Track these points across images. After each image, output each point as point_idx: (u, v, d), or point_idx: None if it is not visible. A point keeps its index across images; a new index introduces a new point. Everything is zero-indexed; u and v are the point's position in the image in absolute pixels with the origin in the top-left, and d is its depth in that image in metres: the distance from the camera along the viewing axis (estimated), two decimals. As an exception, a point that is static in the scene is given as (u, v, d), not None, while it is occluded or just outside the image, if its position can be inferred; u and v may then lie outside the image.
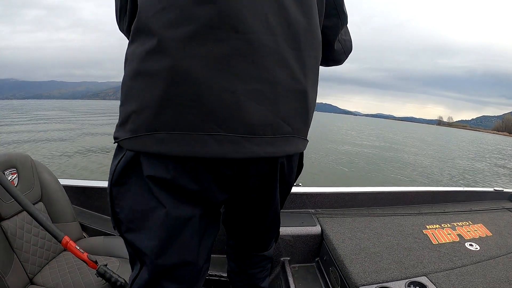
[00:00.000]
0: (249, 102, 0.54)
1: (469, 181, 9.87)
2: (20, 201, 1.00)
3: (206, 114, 0.52)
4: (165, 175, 0.57)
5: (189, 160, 0.56)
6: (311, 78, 0.66)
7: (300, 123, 0.65)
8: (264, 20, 0.55)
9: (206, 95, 0.52)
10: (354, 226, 1.50)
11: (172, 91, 0.52)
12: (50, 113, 30.87)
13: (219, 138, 0.54)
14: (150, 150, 0.55)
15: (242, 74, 0.54)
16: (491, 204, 1.92)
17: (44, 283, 1.09)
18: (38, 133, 14.35)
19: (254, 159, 0.59)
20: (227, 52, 0.52)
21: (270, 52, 0.56)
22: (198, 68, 0.52)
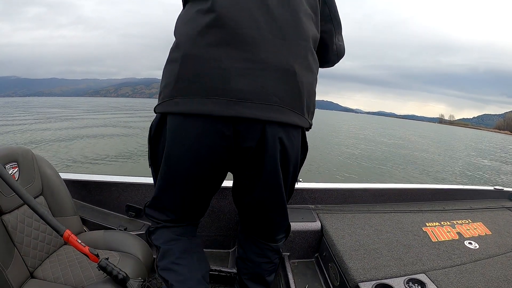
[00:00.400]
0: (237, 76, 0.72)
1: (470, 179, 9.87)
2: (21, 195, 1.00)
3: (207, 84, 0.73)
4: None
5: (196, 117, 0.75)
6: (302, 63, 0.80)
7: (291, 98, 0.78)
8: (253, 20, 0.74)
9: (205, 72, 0.73)
10: (353, 222, 1.50)
11: (184, 70, 0.75)
12: (52, 110, 30.86)
13: (215, 101, 0.72)
14: (169, 110, 0.78)
15: (234, 57, 0.73)
16: (491, 202, 1.92)
17: (45, 276, 1.09)
18: (39, 129, 14.36)
19: (245, 120, 0.74)
20: (221, 42, 0.73)
21: (258, 41, 0.74)
22: (200, 54, 0.74)
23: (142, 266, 1.21)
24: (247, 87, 0.73)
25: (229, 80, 0.72)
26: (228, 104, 0.72)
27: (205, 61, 0.73)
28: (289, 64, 0.77)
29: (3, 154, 1.11)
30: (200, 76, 0.73)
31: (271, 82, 0.75)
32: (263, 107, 0.74)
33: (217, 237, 1.63)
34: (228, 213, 1.60)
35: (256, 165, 0.83)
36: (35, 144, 9.97)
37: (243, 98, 0.72)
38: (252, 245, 1.09)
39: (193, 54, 0.75)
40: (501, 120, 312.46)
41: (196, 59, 0.74)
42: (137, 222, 1.60)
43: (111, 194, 1.60)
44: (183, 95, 0.75)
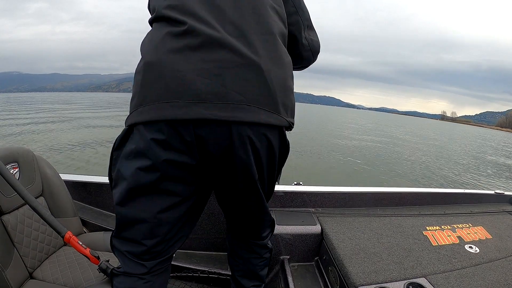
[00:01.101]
0: (195, 77, 0.68)
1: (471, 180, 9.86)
2: (23, 196, 1.00)
3: (166, 89, 0.69)
4: (143, 139, 0.72)
5: (156, 123, 0.70)
6: (270, 59, 0.74)
7: (257, 95, 0.72)
8: (208, 23, 0.71)
9: (165, 76, 0.69)
10: (354, 226, 1.50)
11: (145, 79, 0.72)
12: (54, 107, 30.90)
13: (174, 104, 0.68)
14: (132, 121, 0.72)
15: (191, 59, 0.69)
16: (491, 206, 1.91)
17: (44, 277, 1.09)
18: (40, 127, 14.38)
19: (206, 122, 0.69)
20: (181, 47, 0.70)
21: (215, 41, 0.70)
22: (161, 60, 0.70)
23: (142, 268, 1.20)
24: (205, 87, 0.68)
25: (187, 82, 0.68)
26: (187, 106, 0.67)
27: (164, 67, 0.70)
28: (252, 60, 0.71)
29: (3, 154, 1.11)
30: (160, 82, 0.69)
31: (233, 80, 0.69)
32: (225, 107, 0.68)
33: (216, 239, 1.63)
34: None
35: (226, 171, 0.78)
36: (35, 144, 9.98)
37: (201, 98, 0.67)
38: (240, 243, 1.09)
39: (153, 61, 0.71)
40: (503, 117, 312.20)
41: (156, 66, 0.71)
42: None
43: (111, 196, 1.59)
44: (145, 103, 0.70)
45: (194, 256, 1.57)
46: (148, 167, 0.72)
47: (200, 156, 0.74)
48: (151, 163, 0.72)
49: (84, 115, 23.41)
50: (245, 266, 1.11)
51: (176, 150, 0.71)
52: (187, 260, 1.51)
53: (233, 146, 0.72)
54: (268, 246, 1.11)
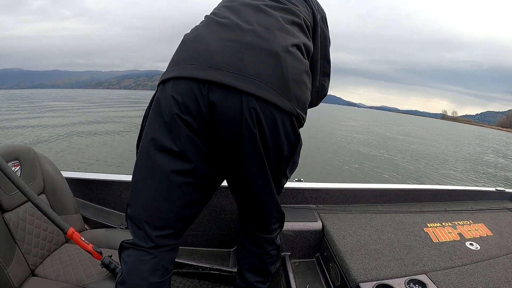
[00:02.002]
0: (219, 50, 0.76)
1: (472, 178, 9.86)
2: (25, 193, 1.01)
3: (191, 55, 0.78)
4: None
5: (177, 80, 0.77)
6: (288, 51, 0.79)
7: (271, 77, 0.76)
8: (240, 17, 0.82)
9: (194, 45, 0.80)
10: (355, 222, 1.50)
11: (181, 46, 0.84)
12: (54, 104, 30.88)
13: (195, 66, 0.75)
14: (160, 80, 0.82)
15: (219, 36, 0.79)
16: (492, 204, 1.91)
17: (46, 274, 1.10)
18: (41, 125, 14.40)
19: (220, 88, 0.74)
20: (213, 27, 0.82)
21: (243, 28, 0.79)
22: (195, 34, 0.83)
23: (143, 265, 1.21)
24: (225, 59, 0.75)
25: (211, 51, 0.77)
26: (205, 69, 0.74)
27: (196, 39, 0.81)
28: (273, 47, 0.77)
29: (4, 152, 1.11)
30: (188, 50, 0.81)
31: (252, 59, 0.75)
32: (239, 77, 0.74)
33: (218, 236, 1.63)
34: (229, 212, 1.60)
35: (233, 143, 0.79)
36: (36, 142, 9.99)
37: (219, 66, 0.74)
38: (249, 236, 1.09)
39: (190, 35, 0.84)
40: (504, 117, 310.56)
41: (190, 38, 0.83)
42: None
43: (112, 193, 1.60)
44: (171, 66, 0.81)
45: (195, 253, 1.58)
46: (164, 123, 0.78)
47: (210, 124, 0.77)
48: (168, 119, 0.77)
49: (85, 112, 23.40)
50: (251, 260, 1.11)
51: (190, 111, 0.76)
52: (189, 257, 1.51)
53: (242, 115, 0.75)
54: (276, 242, 1.11)
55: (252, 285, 1.11)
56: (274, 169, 0.87)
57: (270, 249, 1.09)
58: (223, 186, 0.99)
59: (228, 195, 1.56)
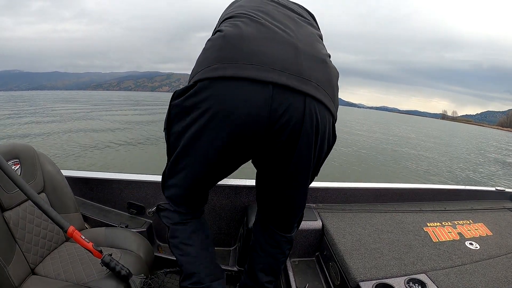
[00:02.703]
0: (277, 53, 0.73)
1: (472, 178, 9.86)
2: (25, 191, 1.01)
3: (249, 55, 0.73)
4: None
5: (242, 80, 0.72)
6: (329, 61, 0.82)
7: (323, 81, 0.77)
8: (282, 24, 0.80)
9: (251, 47, 0.74)
10: (354, 221, 1.50)
11: (227, 43, 0.76)
12: (55, 105, 30.86)
13: (257, 67, 0.71)
14: (213, 75, 0.74)
15: (274, 39, 0.75)
16: (492, 203, 1.91)
17: (46, 273, 1.10)
18: (42, 124, 14.40)
19: (283, 90, 0.72)
20: (264, 31, 0.77)
21: (288, 36, 0.77)
22: (247, 36, 0.75)
23: (143, 263, 1.21)
24: (283, 61, 0.73)
25: (269, 54, 0.73)
26: (268, 70, 0.72)
27: (246, 39, 0.75)
28: (320, 55, 0.80)
29: (5, 150, 1.11)
30: (239, 50, 0.74)
31: (306, 63, 0.75)
32: (301, 80, 0.74)
33: (218, 235, 1.63)
34: (229, 211, 1.60)
35: (288, 144, 0.80)
36: (36, 141, 9.99)
37: (282, 68, 0.72)
38: (267, 236, 1.10)
39: (234, 34, 0.77)
40: (504, 117, 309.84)
41: (238, 38, 0.76)
42: (139, 219, 1.61)
43: (112, 192, 1.60)
44: (223, 62, 0.74)
45: None
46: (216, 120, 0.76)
47: (271, 125, 0.75)
48: (233, 121, 0.75)
49: (85, 112, 23.40)
50: (267, 259, 1.12)
51: (253, 112, 0.73)
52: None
53: (303, 117, 0.75)
54: (292, 242, 1.14)
55: (262, 285, 1.12)
56: (314, 169, 0.91)
57: (286, 247, 1.12)
58: (223, 185, 1.00)
59: (228, 195, 1.56)
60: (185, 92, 0.79)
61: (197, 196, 0.99)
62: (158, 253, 1.58)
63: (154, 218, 1.61)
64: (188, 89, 0.78)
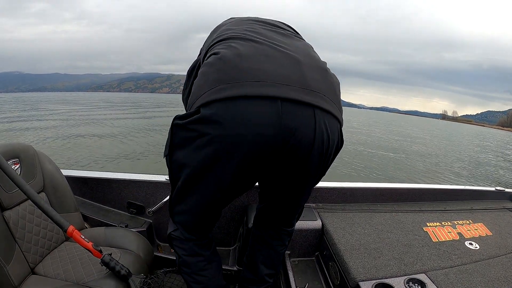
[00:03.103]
0: (279, 67, 0.73)
1: (471, 179, 9.86)
2: (25, 191, 1.01)
3: (251, 73, 0.71)
4: None
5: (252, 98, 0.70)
6: (327, 66, 0.83)
7: (328, 90, 0.77)
8: (275, 40, 0.81)
9: (252, 65, 0.72)
10: (354, 221, 1.50)
11: (227, 65, 0.74)
12: (56, 106, 30.83)
13: (263, 84, 0.70)
14: (218, 97, 0.71)
15: (273, 55, 0.75)
16: (492, 203, 1.91)
17: (46, 272, 1.10)
18: (42, 124, 14.39)
19: (291, 104, 0.71)
20: (260, 48, 0.76)
21: (288, 50, 0.78)
22: (245, 54, 0.74)
23: (143, 263, 1.21)
24: (290, 75, 0.72)
25: (270, 69, 0.72)
26: (274, 85, 0.70)
27: (245, 58, 0.73)
28: (321, 64, 0.81)
29: (4, 150, 1.11)
30: (243, 67, 0.72)
31: (309, 74, 0.75)
32: (309, 92, 0.73)
33: (217, 235, 1.63)
34: (228, 211, 1.60)
35: (301, 158, 0.79)
36: (36, 141, 9.99)
37: (288, 82, 0.71)
38: (269, 230, 1.15)
39: (231, 54, 0.75)
40: (504, 117, 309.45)
41: (236, 57, 0.74)
42: (138, 219, 1.61)
43: (112, 191, 1.60)
44: (228, 83, 0.71)
45: None
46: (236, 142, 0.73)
47: (285, 142, 0.73)
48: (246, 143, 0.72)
49: (85, 113, 23.39)
50: (268, 252, 1.16)
51: (267, 132, 0.71)
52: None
53: (315, 130, 0.74)
54: (292, 234, 1.19)
55: (262, 278, 1.17)
56: (321, 173, 0.92)
57: (286, 239, 1.17)
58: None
59: None
60: (187, 117, 0.75)
61: (209, 220, 0.98)
62: (158, 252, 1.58)
63: (154, 217, 1.61)
64: (191, 114, 0.74)
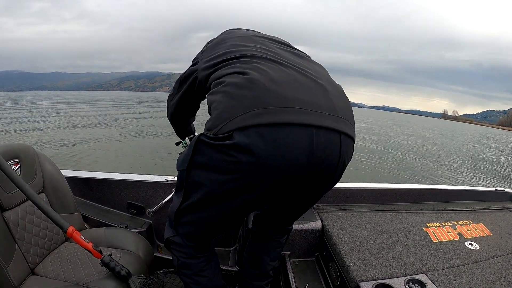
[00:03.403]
0: (310, 93, 0.75)
1: (472, 177, 9.86)
2: (25, 191, 1.01)
3: (285, 99, 0.71)
4: None
5: (279, 126, 0.71)
6: (344, 92, 0.88)
7: (348, 115, 0.81)
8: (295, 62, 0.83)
9: (283, 90, 0.73)
10: (354, 222, 1.50)
11: (255, 88, 0.75)
12: (55, 106, 30.82)
13: (298, 110, 0.71)
14: (253, 123, 0.71)
15: (301, 80, 0.77)
16: (492, 204, 1.91)
17: (45, 273, 1.10)
18: (42, 124, 14.40)
19: (322, 131, 0.73)
20: (286, 71, 0.78)
21: (314, 77, 0.80)
22: (275, 78, 0.75)
23: (143, 264, 1.21)
24: (319, 101, 0.74)
25: (302, 94, 0.74)
26: (307, 113, 0.71)
27: (275, 82, 0.74)
28: (339, 87, 0.86)
29: (4, 150, 1.11)
30: (271, 94, 0.72)
31: (334, 100, 0.77)
32: (336, 119, 0.75)
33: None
34: None
35: (323, 180, 0.83)
36: (36, 141, 9.99)
37: (320, 109, 0.73)
38: (270, 230, 1.18)
39: (259, 78, 0.74)
40: (504, 116, 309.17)
41: (266, 81, 0.74)
42: (138, 219, 1.61)
43: (112, 192, 1.60)
44: (265, 107, 0.70)
45: None
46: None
47: (313, 167, 0.75)
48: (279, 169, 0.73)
49: (85, 112, 23.39)
50: (272, 244, 1.19)
51: (295, 155, 0.72)
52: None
53: (340, 154, 0.78)
54: (290, 233, 1.24)
55: (266, 272, 1.20)
56: (335, 184, 0.95)
57: (285, 235, 1.22)
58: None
59: None
60: (220, 139, 0.73)
61: (215, 234, 1.01)
62: (158, 253, 1.58)
63: (154, 218, 1.61)
64: (224, 138, 0.72)
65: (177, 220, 0.94)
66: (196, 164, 0.80)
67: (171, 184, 1.56)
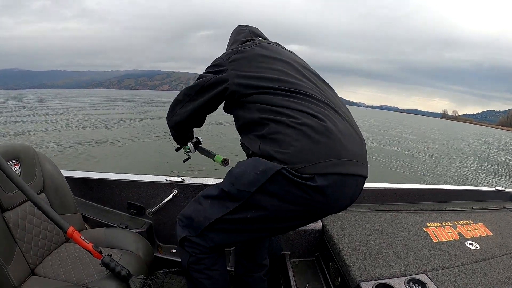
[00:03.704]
0: (355, 144, 0.88)
1: (472, 177, 9.85)
2: (25, 191, 1.00)
3: (349, 152, 0.85)
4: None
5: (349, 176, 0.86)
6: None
7: (364, 157, 0.92)
8: (346, 111, 0.97)
9: (347, 143, 0.85)
10: (354, 222, 1.50)
11: (334, 139, 0.86)
12: (55, 104, 30.81)
13: (356, 163, 0.85)
14: (327, 171, 0.82)
15: (349, 131, 0.89)
16: (492, 203, 1.91)
17: (46, 273, 1.10)
18: (41, 124, 14.39)
19: (363, 177, 0.90)
20: (345, 124, 0.90)
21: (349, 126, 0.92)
22: (342, 130, 0.87)
23: (143, 264, 1.21)
24: (360, 153, 0.88)
25: (351, 147, 0.86)
26: (356, 164, 0.86)
27: (344, 134, 0.86)
28: (360, 132, 0.95)
29: (4, 151, 1.11)
30: (343, 146, 0.84)
31: (364, 148, 0.92)
32: (364, 166, 0.90)
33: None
34: None
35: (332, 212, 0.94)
36: (36, 141, 9.99)
37: (360, 160, 0.87)
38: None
39: (334, 129, 0.86)
40: (504, 116, 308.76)
41: (338, 133, 0.85)
42: (138, 219, 1.61)
43: (112, 192, 1.60)
44: (341, 159, 0.83)
45: None
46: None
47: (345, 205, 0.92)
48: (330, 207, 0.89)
49: (85, 111, 23.37)
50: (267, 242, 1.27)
51: (346, 199, 0.90)
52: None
53: (354, 194, 0.90)
54: None
55: (261, 262, 1.24)
56: None
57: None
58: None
59: None
60: (303, 178, 0.80)
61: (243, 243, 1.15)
62: (158, 253, 1.58)
63: (154, 218, 1.61)
64: (306, 179, 0.80)
65: (213, 225, 0.92)
66: (266, 191, 0.83)
67: (171, 184, 1.56)
